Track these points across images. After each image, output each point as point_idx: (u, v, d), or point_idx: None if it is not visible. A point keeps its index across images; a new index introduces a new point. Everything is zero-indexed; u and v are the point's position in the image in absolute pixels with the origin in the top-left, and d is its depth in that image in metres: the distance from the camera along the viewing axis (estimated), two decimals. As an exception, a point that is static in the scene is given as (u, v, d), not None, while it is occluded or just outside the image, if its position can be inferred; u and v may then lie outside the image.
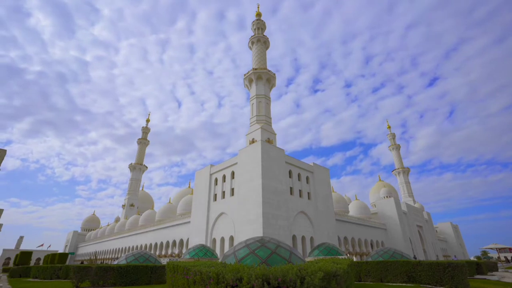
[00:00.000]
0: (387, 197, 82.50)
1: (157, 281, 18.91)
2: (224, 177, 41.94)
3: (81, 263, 44.52)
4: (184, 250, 48.17)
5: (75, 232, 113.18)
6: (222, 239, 37.95)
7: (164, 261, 39.31)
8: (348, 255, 49.08)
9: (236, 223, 35.72)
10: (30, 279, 29.82)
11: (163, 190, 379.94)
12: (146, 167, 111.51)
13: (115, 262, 22.03)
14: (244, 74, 54.50)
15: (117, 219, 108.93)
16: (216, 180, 43.20)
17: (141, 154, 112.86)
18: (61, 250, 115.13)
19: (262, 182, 33.61)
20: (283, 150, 40.06)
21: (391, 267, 18.03)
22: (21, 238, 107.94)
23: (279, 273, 5.68)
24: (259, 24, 60.77)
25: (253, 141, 44.67)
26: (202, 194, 44.74)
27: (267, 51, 58.74)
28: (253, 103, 50.44)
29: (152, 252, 55.59)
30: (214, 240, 39.37)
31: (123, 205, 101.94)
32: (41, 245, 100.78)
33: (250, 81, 53.08)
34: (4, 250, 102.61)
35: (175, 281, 8.67)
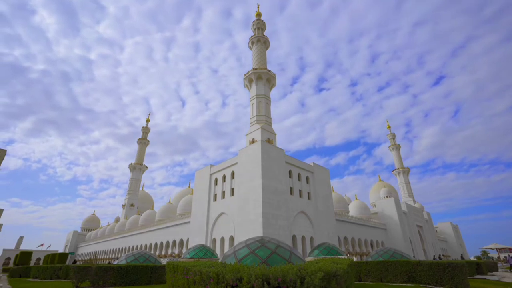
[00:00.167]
0: (387, 197, 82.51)
1: (157, 281, 18.91)
2: (224, 177, 41.95)
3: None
4: (184, 250, 48.18)
5: (75, 232, 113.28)
6: (222, 239, 37.95)
7: (164, 261, 39.35)
8: (348, 255, 49.08)
9: (236, 223, 35.72)
10: (30, 279, 29.81)
11: (165, 189, 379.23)
12: (146, 167, 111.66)
13: (115, 262, 22.03)
14: (244, 74, 54.52)
15: (117, 219, 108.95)
16: (216, 180, 43.22)
17: (141, 154, 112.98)
18: (61, 250, 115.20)
19: (262, 182, 33.62)
20: (283, 150, 40.07)
21: (391, 267, 18.02)
22: (21, 238, 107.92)
23: (279, 273, 5.68)
24: (259, 24, 60.81)
25: (253, 141, 44.68)
26: (202, 194, 44.75)
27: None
28: (253, 103, 50.46)
29: (152, 252, 55.59)
30: (214, 240, 39.37)
31: (123, 205, 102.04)
32: (41, 245, 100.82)
33: (250, 81, 53.10)
34: (4, 250, 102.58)
35: (175, 281, 8.67)
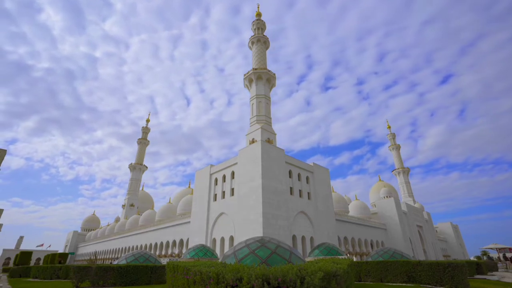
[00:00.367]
0: (387, 197, 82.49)
1: (157, 281, 18.91)
2: (224, 177, 41.95)
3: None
4: (184, 250, 48.17)
5: (75, 232, 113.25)
6: (222, 239, 37.95)
7: (164, 261, 39.30)
8: (348, 255, 49.07)
9: (236, 223, 35.72)
10: (30, 279, 29.80)
11: (167, 189, 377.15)
12: (146, 167, 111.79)
13: (115, 262, 22.03)
14: (244, 74, 54.53)
15: (117, 219, 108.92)
16: (216, 180, 43.21)
17: (141, 154, 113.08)
18: (61, 250, 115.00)
19: (262, 182, 33.61)
20: (283, 150, 40.07)
21: (391, 267, 18.03)
22: (21, 238, 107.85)
23: (279, 273, 5.68)
24: (259, 24, 60.80)
25: (253, 141, 44.68)
26: (202, 194, 44.74)
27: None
28: (253, 103, 50.46)
29: (152, 252, 55.59)
30: (214, 240, 39.37)
31: (123, 205, 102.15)
32: (41, 245, 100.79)
33: (250, 81, 53.10)
34: (4, 250, 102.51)
35: (175, 281, 8.67)
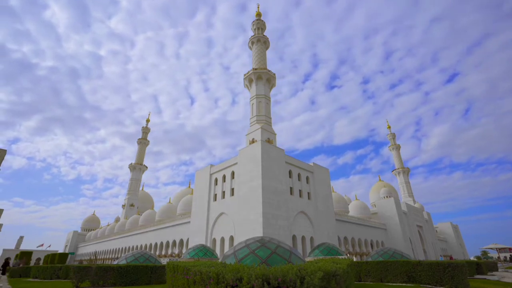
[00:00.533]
0: (387, 197, 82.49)
1: (157, 281, 18.91)
2: (224, 177, 41.94)
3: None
4: (184, 250, 48.17)
5: (75, 232, 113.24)
6: (222, 239, 37.95)
7: (164, 261, 39.30)
8: (348, 255, 49.05)
9: (236, 223, 35.72)
10: (30, 279, 29.80)
11: (169, 189, 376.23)
12: (146, 167, 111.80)
13: (115, 262, 22.03)
14: (244, 74, 54.52)
15: (117, 219, 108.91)
16: (216, 180, 43.21)
17: (141, 154, 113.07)
18: (61, 250, 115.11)
19: (262, 182, 33.61)
20: (283, 150, 40.07)
21: (391, 267, 18.03)
22: (21, 238, 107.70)
23: (279, 273, 5.68)
24: (259, 24, 60.80)
25: (253, 141, 44.68)
26: (202, 194, 44.74)
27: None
28: (253, 103, 50.45)
29: (152, 252, 55.58)
30: (214, 240, 39.37)
31: (123, 205, 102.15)
32: (41, 245, 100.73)
33: (250, 81, 53.09)
34: (4, 250, 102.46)
35: (175, 281, 8.67)
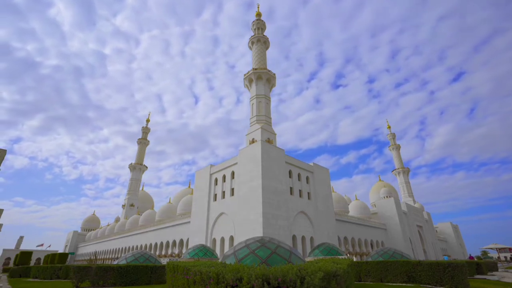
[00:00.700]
0: (387, 197, 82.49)
1: (157, 281, 18.90)
2: (224, 177, 41.94)
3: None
4: (184, 250, 48.16)
5: (75, 232, 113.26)
6: (222, 239, 37.94)
7: (164, 261, 39.26)
8: (348, 255, 49.04)
9: (236, 223, 35.71)
10: (30, 279, 29.79)
11: (171, 189, 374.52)
12: (146, 167, 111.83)
13: (115, 262, 22.02)
14: (244, 74, 54.52)
15: (117, 219, 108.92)
16: (216, 180, 43.20)
17: (141, 154, 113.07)
18: (61, 250, 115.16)
19: (262, 182, 33.61)
20: (283, 150, 40.07)
21: (391, 267, 18.01)
22: (21, 238, 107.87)
23: (279, 273, 5.68)
24: (259, 24, 60.81)
25: (253, 141, 44.67)
26: (202, 194, 44.74)
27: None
28: (253, 103, 50.45)
29: (152, 252, 55.57)
30: (214, 240, 39.37)
31: (123, 205, 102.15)
32: (41, 245, 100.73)
33: (250, 81, 53.08)
34: (4, 250, 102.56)
35: (175, 281, 8.66)
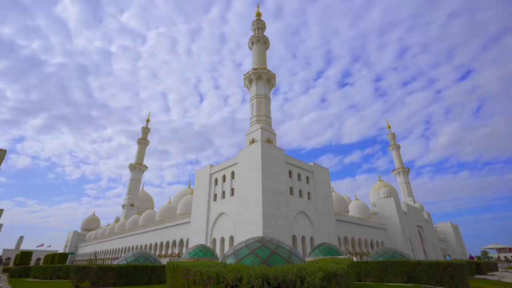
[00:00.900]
0: (387, 197, 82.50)
1: (157, 281, 18.89)
2: (224, 177, 41.94)
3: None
4: (184, 250, 48.17)
5: (75, 232, 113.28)
6: (222, 239, 37.95)
7: (164, 261, 39.27)
8: (348, 255, 49.05)
9: (236, 223, 35.72)
10: (30, 279, 29.78)
11: (173, 188, 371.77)
12: (146, 167, 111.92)
13: (115, 262, 22.02)
14: (244, 74, 54.54)
15: (117, 219, 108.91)
16: (216, 180, 43.20)
17: (141, 154, 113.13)
18: (61, 250, 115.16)
19: (262, 182, 33.61)
20: (283, 150, 40.07)
21: (391, 267, 18.01)
22: (21, 238, 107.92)
23: (279, 273, 5.67)
24: (259, 24, 60.83)
25: (253, 141, 44.68)
26: (202, 194, 44.74)
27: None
28: (253, 103, 50.45)
29: (152, 252, 55.57)
30: (214, 240, 39.37)
31: (123, 205, 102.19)
32: (41, 245, 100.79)
33: (250, 81, 53.09)
34: (4, 250, 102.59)
35: (175, 281, 8.66)
